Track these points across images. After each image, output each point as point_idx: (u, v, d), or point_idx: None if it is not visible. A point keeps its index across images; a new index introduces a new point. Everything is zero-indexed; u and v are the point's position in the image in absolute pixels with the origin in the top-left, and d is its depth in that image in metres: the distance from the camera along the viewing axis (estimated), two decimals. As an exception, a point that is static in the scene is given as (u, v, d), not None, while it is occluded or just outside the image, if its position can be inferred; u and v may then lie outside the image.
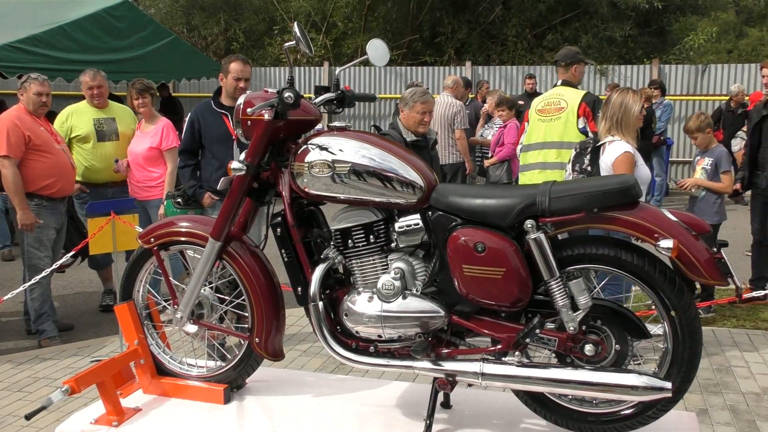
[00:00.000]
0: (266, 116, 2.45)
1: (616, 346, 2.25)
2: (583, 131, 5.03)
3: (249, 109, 2.48)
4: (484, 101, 10.03)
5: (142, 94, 5.81)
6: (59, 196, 5.38)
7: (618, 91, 4.41)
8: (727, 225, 5.14)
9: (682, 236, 2.10)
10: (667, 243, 2.06)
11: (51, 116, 6.00)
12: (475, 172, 8.90)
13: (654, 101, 10.43)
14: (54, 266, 5.27)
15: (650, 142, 9.96)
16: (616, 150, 4.27)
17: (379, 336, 2.42)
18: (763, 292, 5.31)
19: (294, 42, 2.44)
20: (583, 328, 2.24)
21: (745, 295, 5.44)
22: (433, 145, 5.17)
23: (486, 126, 9.25)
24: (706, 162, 5.74)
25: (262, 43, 17.73)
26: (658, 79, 11.95)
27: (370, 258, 2.44)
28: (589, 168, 4.41)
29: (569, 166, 4.60)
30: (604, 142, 4.36)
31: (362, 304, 2.41)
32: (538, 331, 2.24)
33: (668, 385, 2.13)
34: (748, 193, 6.28)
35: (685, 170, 13.10)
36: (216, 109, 4.66)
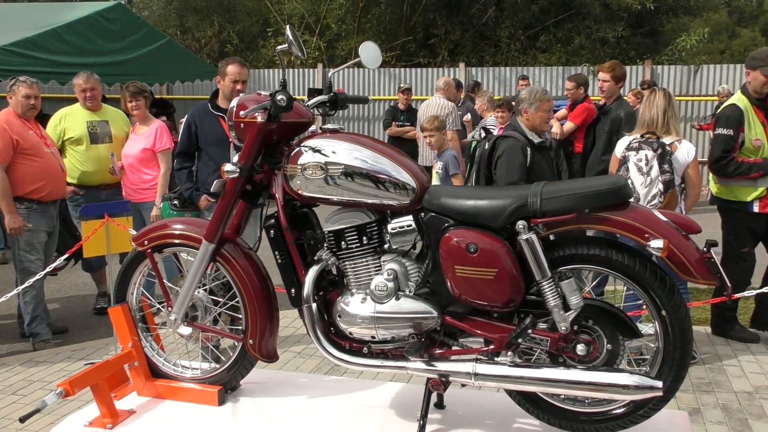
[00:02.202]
0: (259, 119, 2.46)
1: (608, 345, 2.26)
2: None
3: (242, 112, 2.49)
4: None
5: (136, 96, 5.82)
6: (49, 200, 5.37)
7: (660, 92, 4.53)
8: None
9: (672, 236, 2.12)
10: (657, 243, 2.08)
11: (44, 119, 6.01)
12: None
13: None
14: (47, 269, 5.27)
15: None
16: (690, 150, 4.50)
17: (373, 337, 2.43)
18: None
19: (286, 45, 2.45)
20: (575, 327, 2.26)
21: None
22: (551, 147, 5.06)
23: (475, 128, 9.26)
24: (439, 166, 5.78)
25: (255, 45, 17.75)
26: (650, 80, 11.99)
27: (363, 259, 2.45)
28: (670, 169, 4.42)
29: (655, 164, 4.35)
30: (673, 142, 4.45)
31: (356, 305, 2.42)
32: (530, 331, 2.25)
33: (659, 384, 2.15)
34: None
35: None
36: (213, 112, 4.67)
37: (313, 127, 2.75)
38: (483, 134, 7.77)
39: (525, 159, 4.50)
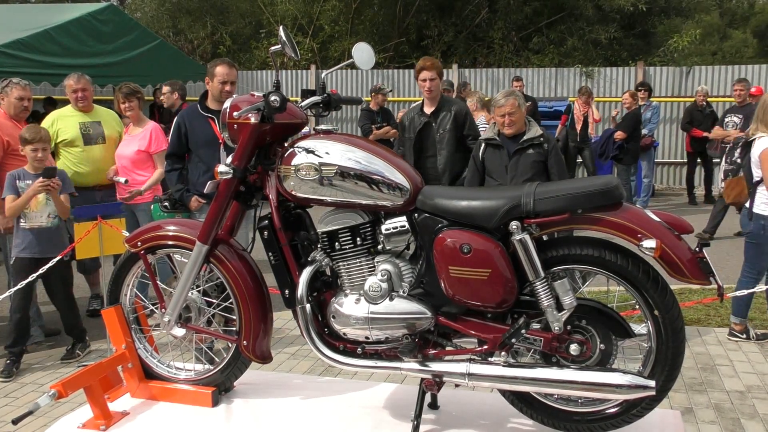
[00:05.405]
0: (252, 120, 2.46)
1: (601, 345, 2.27)
2: None
3: (235, 113, 2.49)
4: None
5: (129, 98, 5.80)
6: None
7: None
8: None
9: (665, 236, 2.13)
10: (650, 243, 2.09)
11: (38, 120, 5.98)
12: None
13: (641, 103, 10.50)
14: (39, 271, 5.24)
15: (638, 143, 10.03)
16: (763, 144, 4.83)
17: (367, 338, 2.43)
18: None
19: (280, 46, 2.45)
20: (568, 328, 2.27)
21: None
22: (551, 150, 4.65)
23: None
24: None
25: (248, 46, 17.72)
26: (645, 81, 12.04)
27: (357, 260, 2.45)
28: (738, 160, 5.00)
29: (723, 158, 5.21)
30: (755, 138, 4.93)
31: (349, 306, 2.43)
32: (523, 331, 2.26)
33: (652, 383, 2.16)
34: None
35: (670, 171, 13.22)
36: (202, 113, 4.66)
37: (306, 128, 2.75)
38: None
39: (477, 153, 4.87)
